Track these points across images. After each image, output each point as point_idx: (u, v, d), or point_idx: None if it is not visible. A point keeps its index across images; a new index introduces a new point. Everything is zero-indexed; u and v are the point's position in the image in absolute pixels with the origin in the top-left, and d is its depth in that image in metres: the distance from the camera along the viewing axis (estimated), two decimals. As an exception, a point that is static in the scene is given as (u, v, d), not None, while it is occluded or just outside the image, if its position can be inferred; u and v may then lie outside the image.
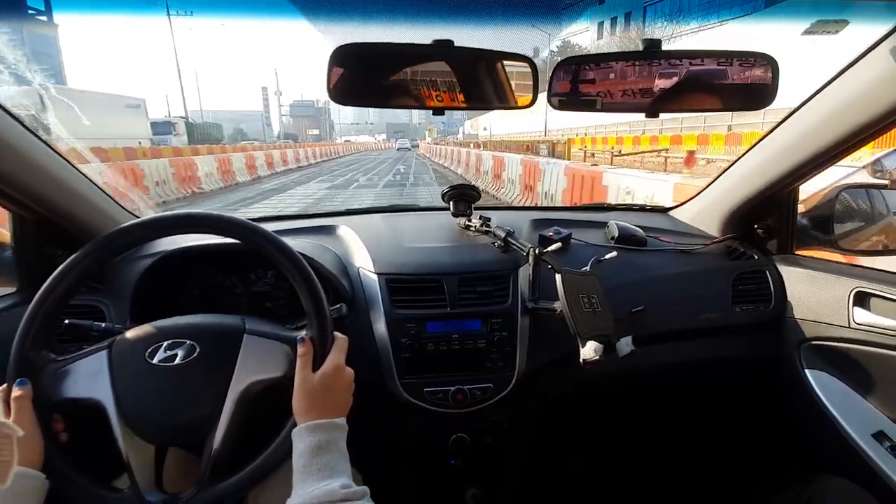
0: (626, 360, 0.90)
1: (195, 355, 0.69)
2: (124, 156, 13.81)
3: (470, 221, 1.23)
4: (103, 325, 0.79)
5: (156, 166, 10.88)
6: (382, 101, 0.89)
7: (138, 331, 0.72)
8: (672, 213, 1.49)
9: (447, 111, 0.90)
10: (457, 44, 0.82)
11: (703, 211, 1.36)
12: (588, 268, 1.01)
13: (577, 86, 0.91)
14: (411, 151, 41.59)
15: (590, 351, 0.86)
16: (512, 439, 1.12)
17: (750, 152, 1.17)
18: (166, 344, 0.69)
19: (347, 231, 1.22)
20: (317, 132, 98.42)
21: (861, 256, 1.20)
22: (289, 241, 0.75)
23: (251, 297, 1.10)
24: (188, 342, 0.70)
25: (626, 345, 0.90)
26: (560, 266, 0.97)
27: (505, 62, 0.89)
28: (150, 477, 0.66)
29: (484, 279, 1.07)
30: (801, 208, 1.23)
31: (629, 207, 1.60)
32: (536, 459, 1.30)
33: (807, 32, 13.05)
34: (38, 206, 0.91)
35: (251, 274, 1.10)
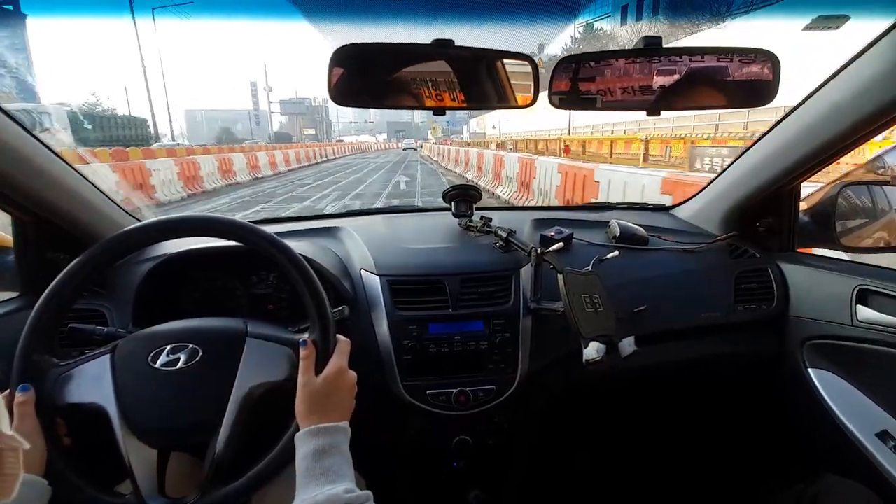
0: (629, 361, 0.90)
1: (198, 359, 0.69)
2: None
3: (471, 222, 1.23)
4: (106, 329, 0.79)
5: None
6: (383, 102, 0.89)
7: (141, 335, 0.72)
8: (673, 211, 1.48)
9: (448, 111, 0.90)
10: (457, 43, 0.82)
11: (705, 209, 1.36)
12: (590, 267, 1.01)
13: (578, 84, 0.90)
14: (416, 152, 38.60)
15: (592, 351, 0.86)
16: (514, 441, 1.12)
17: (751, 150, 1.17)
18: (169, 348, 0.69)
19: (349, 232, 1.22)
20: (312, 132, 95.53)
21: (863, 254, 1.20)
22: (290, 242, 0.75)
23: (253, 300, 1.10)
24: (191, 346, 0.70)
25: (628, 345, 0.90)
26: (562, 266, 0.97)
27: (505, 61, 0.89)
28: (153, 482, 0.65)
29: (485, 280, 1.06)
30: (803, 206, 1.22)
31: (630, 206, 1.60)
32: (539, 460, 1.30)
33: (807, 28, 13.01)
34: (39, 210, 0.91)
35: (253, 276, 1.10)
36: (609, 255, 1.09)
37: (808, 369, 1.12)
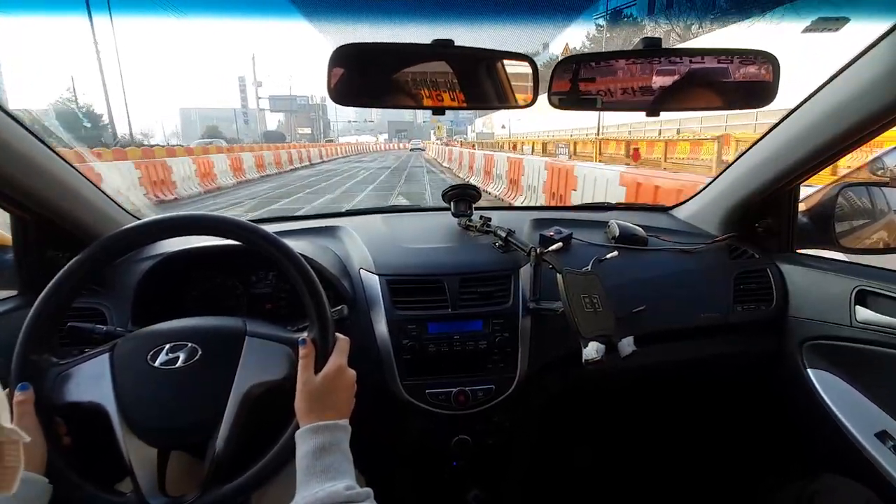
0: (628, 360, 0.90)
1: (197, 358, 0.69)
2: None
3: (470, 221, 1.23)
4: (105, 328, 0.79)
5: None
6: (383, 102, 0.89)
7: (140, 333, 0.72)
8: (672, 211, 1.48)
9: (449, 111, 0.90)
10: (457, 43, 0.82)
11: (704, 210, 1.36)
12: (589, 267, 1.01)
13: (577, 84, 0.90)
14: (422, 153, 36.06)
15: (591, 351, 0.86)
16: (514, 440, 1.12)
17: (750, 150, 1.17)
18: (168, 347, 0.69)
19: (348, 232, 1.22)
20: (308, 131, 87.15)
21: (862, 255, 1.20)
22: (289, 242, 0.75)
23: (252, 299, 1.10)
24: (190, 345, 0.70)
25: (627, 345, 0.90)
26: (561, 266, 0.97)
27: (505, 62, 0.89)
28: (153, 480, 0.65)
29: (485, 279, 1.07)
30: (802, 206, 1.23)
31: (629, 207, 1.60)
32: (539, 460, 1.30)
33: (807, 30, 13.03)
34: (39, 209, 0.91)
35: (252, 275, 1.10)
36: (608, 256, 1.09)
37: (807, 370, 1.12)
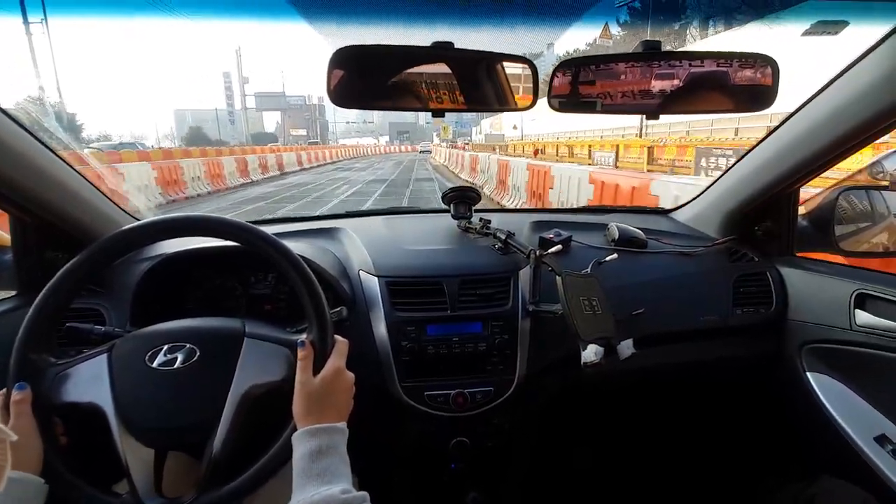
0: (627, 363, 0.90)
1: (195, 359, 0.69)
2: None
3: (470, 223, 1.23)
4: (103, 328, 0.79)
5: None
6: (383, 104, 0.89)
7: (138, 334, 0.72)
8: (672, 214, 1.48)
9: (450, 113, 0.90)
10: (457, 45, 0.82)
11: (704, 213, 1.36)
12: (588, 270, 1.01)
13: (577, 87, 0.91)
14: (428, 157, 32.60)
15: (591, 354, 0.86)
16: (513, 442, 1.12)
17: (750, 154, 1.17)
18: (166, 347, 0.69)
19: (348, 233, 1.22)
20: (303, 132, 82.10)
21: (862, 258, 1.20)
22: (289, 243, 0.75)
23: (251, 300, 1.10)
24: (188, 346, 0.69)
25: (626, 347, 0.90)
26: (560, 268, 0.97)
27: (505, 63, 0.89)
28: (150, 481, 0.65)
29: (484, 281, 1.06)
30: (802, 210, 1.23)
31: (629, 209, 1.60)
32: (538, 462, 1.30)
33: (806, 34, 13.06)
34: (38, 210, 0.91)
35: (251, 276, 1.10)
36: (608, 258, 1.09)
37: (807, 373, 1.12)
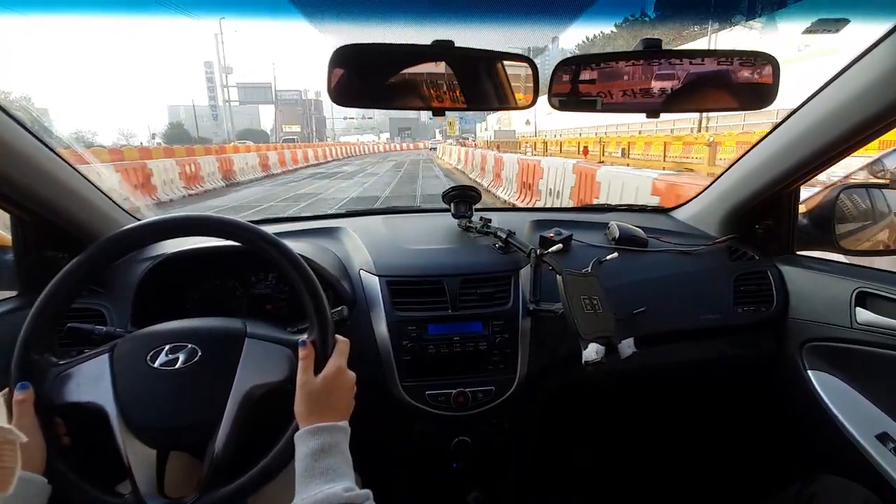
0: (628, 361, 0.90)
1: (197, 359, 0.69)
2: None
3: (470, 223, 1.23)
4: (104, 328, 0.79)
5: None
6: (383, 103, 0.89)
7: (139, 334, 0.72)
8: (673, 213, 1.48)
9: (449, 112, 0.90)
10: (457, 44, 0.82)
11: (704, 211, 1.36)
12: (589, 269, 1.01)
13: (577, 86, 0.91)
14: (433, 157, 29.23)
15: (591, 352, 0.86)
16: (514, 441, 1.12)
17: (751, 152, 1.17)
18: (168, 347, 0.69)
19: (348, 233, 1.22)
20: (297, 129, 75.51)
21: (862, 256, 1.20)
22: (290, 243, 0.75)
23: (252, 300, 1.10)
24: (190, 346, 0.70)
25: (627, 346, 0.90)
26: (561, 267, 0.97)
27: (505, 62, 0.89)
28: (152, 482, 0.65)
29: (485, 281, 1.06)
30: (802, 208, 1.23)
31: (630, 208, 1.60)
32: (539, 461, 1.30)
33: (806, 32, 13.05)
34: (39, 209, 0.91)
35: (252, 276, 1.10)
36: (608, 257, 1.09)
37: (808, 371, 1.12)
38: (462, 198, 1.26)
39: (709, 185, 1.36)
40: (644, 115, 0.93)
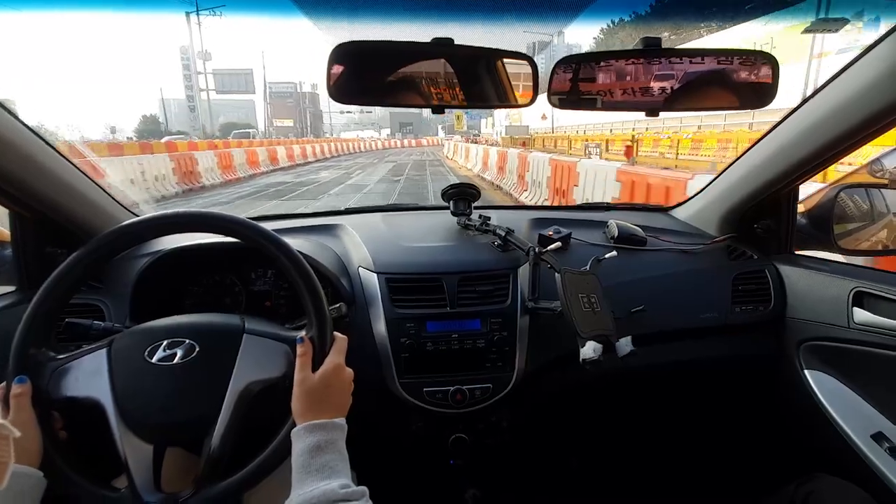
0: (626, 360, 0.90)
1: (194, 355, 0.69)
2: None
3: (470, 220, 1.23)
4: (102, 324, 0.79)
5: None
6: (382, 100, 0.89)
7: (137, 330, 0.72)
8: (672, 212, 1.49)
9: (448, 109, 0.90)
10: (457, 41, 0.82)
11: (703, 210, 1.36)
12: (588, 267, 1.01)
13: (577, 84, 0.91)
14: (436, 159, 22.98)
15: (589, 351, 0.86)
16: (512, 439, 1.12)
17: (750, 152, 1.17)
18: (166, 343, 0.69)
19: (347, 230, 1.22)
20: (289, 123, 70.06)
21: (860, 256, 1.20)
22: (288, 239, 0.75)
23: (250, 296, 1.10)
24: (187, 341, 0.70)
25: (625, 345, 0.90)
26: (560, 265, 0.97)
27: (505, 60, 0.89)
28: (149, 477, 0.65)
29: (484, 278, 1.07)
30: (801, 208, 1.23)
31: (629, 207, 1.60)
32: (536, 459, 1.31)
33: (807, 31, 13.03)
34: (37, 205, 0.91)
35: (251, 273, 1.10)
36: (607, 255, 1.09)
37: (805, 371, 1.12)
38: (461, 195, 1.26)
39: (708, 185, 1.36)
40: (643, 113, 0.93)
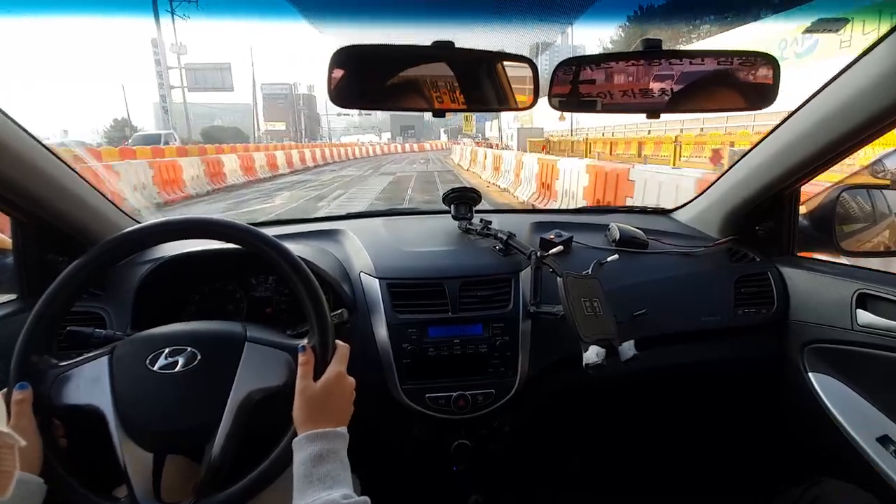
0: (629, 364, 0.90)
1: (196, 363, 0.68)
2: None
3: (471, 224, 1.23)
4: (104, 331, 0.79)
5: None
6: (384, 104, 0.89)
7: (139, 337, 0.72)
8: (673, 214, 1.48)
9: (448, 113, 0.90)
10: (458, 45, 0.82)
11: (705, 212, 1.36)
12: (590, 271, 1.01)
13: (578, 87, 0.91)
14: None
15: (592, 355, 0.86)
16: (514, 444, 1.12)
17: (751, 153, 1.17)
18: (167, 351, 0.69)
19: (348, 235, 1.22)
20: (282, 127, 66.59)
21: (863, 258, 1.19)
22: (290, 245, 0.74)
23: (252, 303, 1.10)
24: (189, 349, 0.69)
25: (628, 349, 0.90)
26: (561, 269, 0.97)
27: (505, 63, 0.89)
28: (149, 485, 0.65)
29: (485, 283, 1.06)
30: (803, 209, 1.22)
31: (630, 210, 1.60)
32: (539, 464, 1.30)
33: (807, 31, 13.04)
34: (39, 212, 0.91)
35: (252, 279, 1.10)
36: (609, 259, 1.08)
37: (809, 373, 1.11)
38: (462, 199, 1.26)
39: (709, 187, 1.36)
40: (644, 115, 0.93)
